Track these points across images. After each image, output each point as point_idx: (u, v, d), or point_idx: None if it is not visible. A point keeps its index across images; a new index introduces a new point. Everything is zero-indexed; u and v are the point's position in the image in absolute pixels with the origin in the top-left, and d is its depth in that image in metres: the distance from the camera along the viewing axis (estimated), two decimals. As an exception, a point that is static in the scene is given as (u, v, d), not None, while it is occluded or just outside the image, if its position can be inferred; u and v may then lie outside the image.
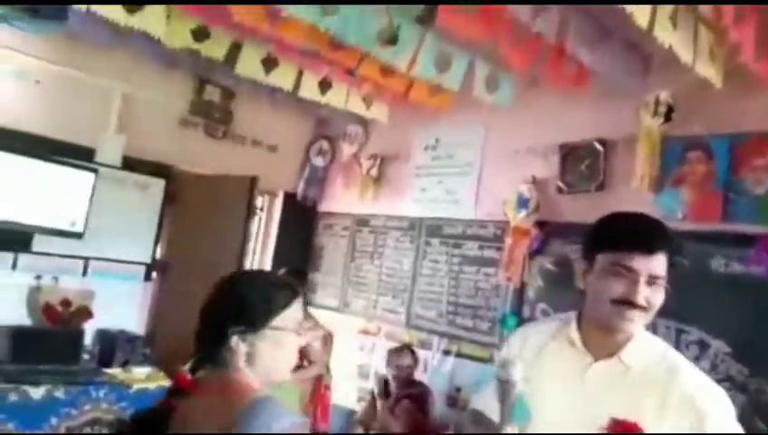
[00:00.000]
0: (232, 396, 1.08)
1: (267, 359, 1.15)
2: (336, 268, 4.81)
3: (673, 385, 1.26)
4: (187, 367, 1.16)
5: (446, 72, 3.06)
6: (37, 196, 3.55)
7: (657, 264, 1.26)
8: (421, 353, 3.86)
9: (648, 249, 1.26)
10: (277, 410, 1.06)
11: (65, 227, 3.64)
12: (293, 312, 1.19)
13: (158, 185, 4.13)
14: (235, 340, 1.12)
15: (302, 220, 4.94)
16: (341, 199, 4.84)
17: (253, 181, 3.89)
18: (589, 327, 1.38)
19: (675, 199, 3.05)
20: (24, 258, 3.59)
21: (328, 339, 3.81)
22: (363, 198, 4.60)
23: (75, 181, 3.68)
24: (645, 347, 1.33)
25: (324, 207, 5.00)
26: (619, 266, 1.29)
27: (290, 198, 4.89)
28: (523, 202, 3.55)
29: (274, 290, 1.18)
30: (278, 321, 1.16)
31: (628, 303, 1.26)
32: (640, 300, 1.25)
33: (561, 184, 3.49)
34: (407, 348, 3.75)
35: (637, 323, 1.28)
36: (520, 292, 3.57)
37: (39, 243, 3.64)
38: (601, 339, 1.34)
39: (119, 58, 3.78)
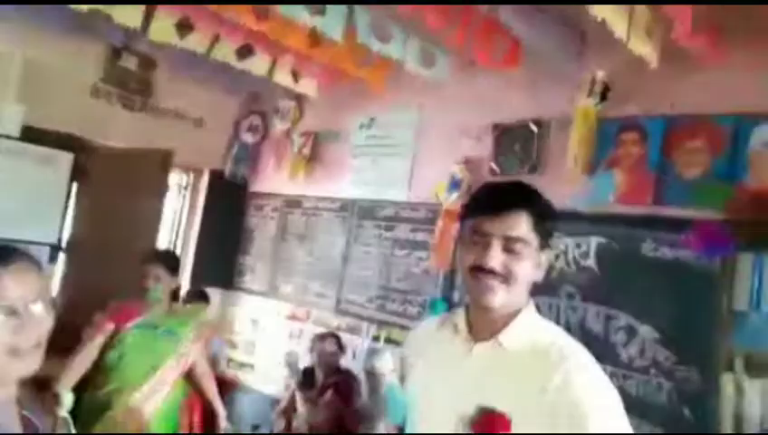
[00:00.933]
0: None
1: None
2: (265, 251, 4.57)
3: (556, 376, 1.11)
4: None
5: (385, 44, 2.90)
6: None
7: (513, 224, 1.16)
8: (351, 340, 3.69)
9: (497, 208, 1.17)
10: None
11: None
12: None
13: (65, 159, 3.78)
14: None
15: (230, 200, 4.67)
16: (272, 179, 4.60)
17: (166, 155, 3.60)
18: (472, 310, 1.26)
19: (607, 182, 2.96)
20: None
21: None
22: (295, 177, 4.37)
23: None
24: (529, 329, 1.20)
25: (255, 186, 4.74)
26: (472, 233, 1.19)
27: (217, 177, 4.60)
28: (455, 184, 3.41)
29: None
30: None
31: (480, 269, 1.16)
32: (491, 263, 1.15)
33: (493, 165, 3.36)
34: (331, 335, 3.58)
35: (497, 294, 1.16)
36: (450, 277, 3.44)
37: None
38: (485, 321, 1.22)
39: (19, 22, 3.40)
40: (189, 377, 2.80)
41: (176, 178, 4.54)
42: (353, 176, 4.13)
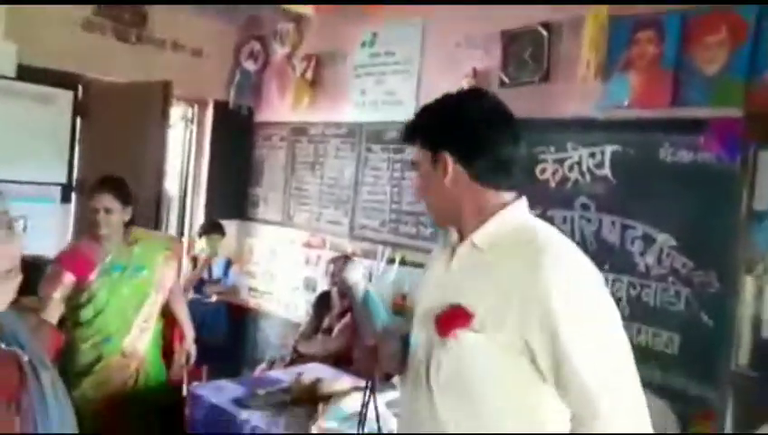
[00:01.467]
0: None
1: None
2: (277, 181, 4.53)
3: (526, 275, 1.09)
4: None
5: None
6: None
7: (414, 149, 1.27)
8: (366, 264, 3.69)
9: (405, 139, 1.30)
10: None
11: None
12: None
13: (65, 97, 3.72)
14: None
15: (237, 132, 4.59)
16: (278, 107, 4.49)
17: (166, 87, 3.51)
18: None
19: (622, 86, 2.81)
20: None
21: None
22: (299, 104, 4.26)
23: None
24: (499, 226, 1.19)
25: (261, 116, 4.65)
26: None
27: (222, 108, 4.51)
28: (463, 98, 3.27)
29: None
30: None
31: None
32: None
33: (503, 76, 3.21)
34: (345, 257, 3.56)
35: (427, 209, 1.29)
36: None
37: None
38: (462, 230, 1.23)
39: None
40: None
41: (181, 112, 4.46)
42: (358, 98, 4.00)
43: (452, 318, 1.12)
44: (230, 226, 4.35)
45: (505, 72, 3.21)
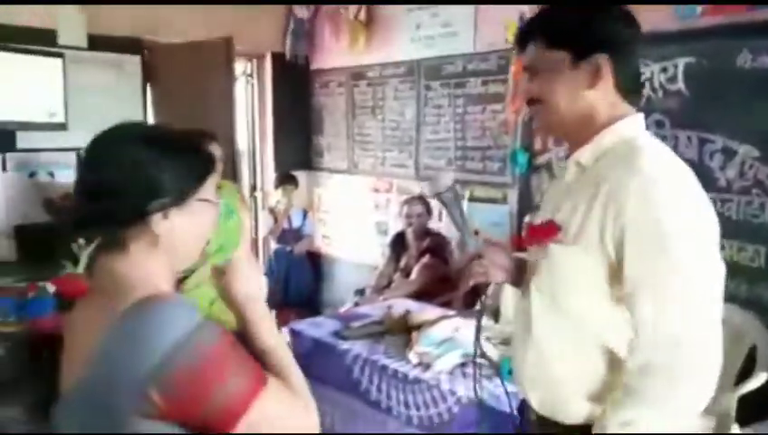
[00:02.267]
0: (119, 293, 0.84)
1: (187, 238, 0.93)
2: (339, 128, 4.60)
3: (622, 193, 1.04)
4: (81, 266, 0.96)
5: None
6: (7, 91, 3.35)
7: (529, 53, 1.18)
8: (435, 204, 3.74)
9: (519, 45, 1.21)
10: (173, 309, 0.82)
11: (45, 118, 3.48)
12: (215, 181, 0.98)
13: (133, 62, 3.86)
14: (157, 217, 0.88)
15: (296, 82, 4.65)
16: (333, 53, 4.50)
17: (228, 43, 3.58)
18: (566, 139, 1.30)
19: (694, -6, 2.67)
20: (12, 158, 3.47)
21: None
22: (355, 47, 4.25)
23: (44, 69, 3.46)
24: (603, 142, 1.14)
25: (318, 63, 4.68)
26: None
27: (279, 59, 4.56)
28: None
29: (196, 153, 0.95)
30: (204, 191, 0.93)
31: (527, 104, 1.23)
32: (525, 96, 1.22)
33: None
34: (418, 197, 3.64)
35: (537, 119, 1.23)
36: (529, 124, 3.34)
37: (24, 139, 3.49)
38: (576, 145, 1.20)
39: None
40: None
41: (240, 67, 4.55)
42: (413, 33, 3.96)
43: (541, 231, 1.17)
44: (298, 176, 4.47)
45: (568, -8, 3.10)
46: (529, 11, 3.19)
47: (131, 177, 0.87)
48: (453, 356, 2.06)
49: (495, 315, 2.26)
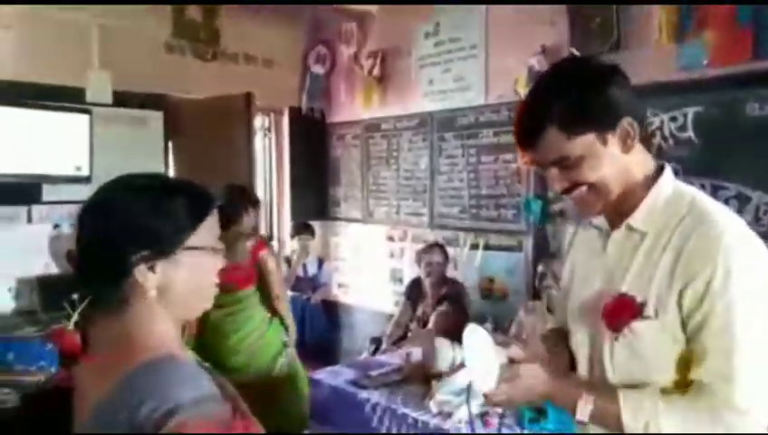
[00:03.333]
0: (122, 353, 0.82)
1: (184, 289, 0.89)
2: (354, 179, 4.69)
3: (689, 240, 1.05)
4: (72, 321, 0.89)
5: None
6: (36, 145, 3.48)
7: (547, 149, 1.10)
8: (449, 252, 3.78)
9: (527, 144, 1.13)
10: (178, 373, 0.80)
11: (71, 172, 3.59)
12: (213, 226, 0.94)
13: (156, 117, 4.00)
14: (141, 270, 0.85)
15: (312, 135, 4.78)
16: (348, 107, 4.64)
17: (248, 98, 3.72)
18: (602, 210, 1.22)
19: (699, 46, 2.77)
20: (37, 210, 3.57)
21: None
22: (369, 101, 4.39)
23: (71, 125, 3.59)
24: (658, 206, 1.12)
25: (333, 117, 4.81)
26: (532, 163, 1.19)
27: (296, 114, 4.71)
28: (534, 77, 3.30)
29: (186, 200, 0.91)
30: (195, 239, 0.90)
31: (562, 192, 1.15)
32: (557, 189, 1.14)
33: (572, 50, 3.21)
34: (436, 245, 3.67)
35: (588, 204, 1.14)
36: (542, 173, 3.38)
37: (50, 193, 3.60)
38: (616, 210, 1.16)
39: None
40: None
41: (259, 122, 4.69)
42: (426, 88, 4.09)
43: (622, 309, 1.09)
44: (315, 226, 4.53)
45: (574, 44, 3.21)
46: (537, 63, 3.31)
47: (112, 229, 0.87)
48: (472, 405, 2.05)
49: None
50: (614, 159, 1.09)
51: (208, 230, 0.93)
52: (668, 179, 1.14)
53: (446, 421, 2.04)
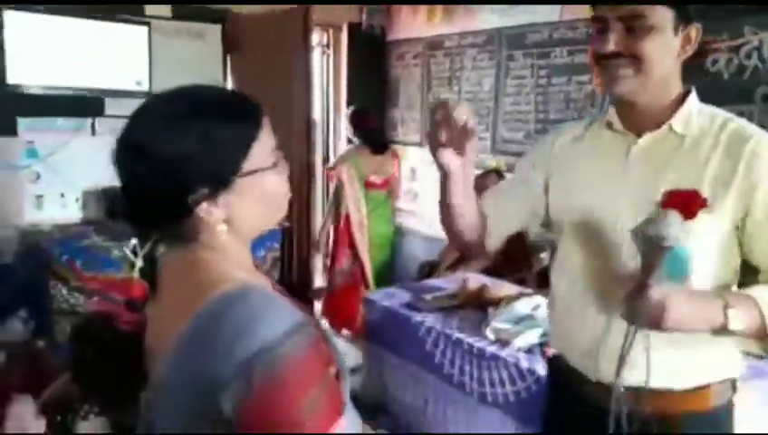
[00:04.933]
0: (199, 289, 0.77)
1: (253, 213, 0.84)
2: (413, 100, 4.51)
3: (740, 151, 1.06)
4: (137, 269, 0.86)
5: None
6: (98, 59, 3.47)
7: (626, 4, 1.05)
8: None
9: None
10: (259, 304, 0.75)
11: (131, 87, 3.58)
12: (266, 140, 0.84)
13: (214, 31, 3.90)
14: (203, 208, 0.79)
15: (371, 52, 4.58)
16: (411, 22, 4.40)
17: (306, 13, 3.55)
18: (624, 106, 1.15)
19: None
20: (100, 123, 3.61)
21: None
22: (433, 16, 4.14)
23: (130, 38, 3.55)
24: (700, 113, 1.12)
25: (393, 34, 4.59)
26: (594, 19, 1.10)
27: (356, 30, 4.50)
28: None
29: (236, 121, 0.82)
30: (252, 161, 0.82)
31: (603, 56, 1.08)
32: (608, 48, 1.06)
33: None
34: (493, 172, 3.52)
35: (625, 80, 1.07)
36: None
37: (111, 106, 3.62)
38: (643, 114, 1.12)
39: None
40: None
41: (317, 38, 4.53)
42: (494, 2, 3.79)
43: (690, 200, 1.00)
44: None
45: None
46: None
47: (162, 171, 0.78)
48: (532, 334, 1.98)
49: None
50: (669, 53, 1.08)
51: (264, 146, 0.84)
52: (696, 97, 1.14)
53: (503, 349, 1.97)
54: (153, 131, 0.80)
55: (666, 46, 1.06)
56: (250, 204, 0.82)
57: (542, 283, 2.79)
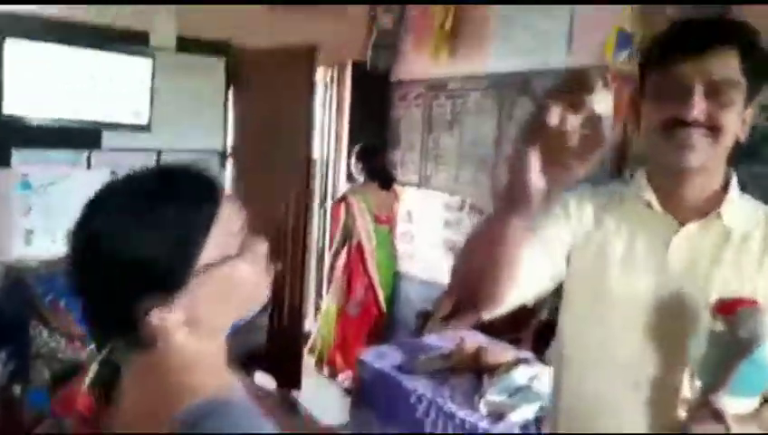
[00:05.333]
0: (163, 400, 0.70)
1: (218, 312, 0.74)
2: (413, 142, 4.46)
3: None
4: (88, 379, 0.75)
5: None
6: (97, 90, 3.42)
7: (720, 64, 0.94)
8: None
9: (700, 45, 0.95)
10: (227, 424, 0.67)
11: (130, 119, 3.53)
12: (228, 223, 0.73)
13: (218, 65, 3.87)
14: (156, 314, 0.69)
15: (374, 91, 4.55)
16: (414, 63, 4.37)
17: (310, 51, 3.52)
18: (660, 179, 1.06)
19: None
20: (96, 156, 3.55)
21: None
22: (437, 58, 4.10)
23: (133, 69, 3.51)
24: (737, 201, 1.03)
25: (397, 74, 4.56)
26: (665, 80, 0.98)
27: (360, 68, 4.48)
28: (624, 40, 2.95)
29: (181, 208, 0.71)
30: (210, 252, 0.71)
31: (678, 122, 0.96)
32: (693, 112, 0.94)
33: (670, 11, 2.83)
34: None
35: (699, 151, 0.96)
36: (621, 150, 3.07)
37: (109, 139, 3.57)
38: (689, 195, 1.03)
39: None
40: None
41: (320, 74, 4.50)
42: (501, 45, 3.76)
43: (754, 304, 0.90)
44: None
45: (675, 5, 2.83)
46: (628, 25, 2.95)
47: (108, 275, 0.69)
48: (529, 409, 1.88)
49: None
50: (738, 127, 1.00)
51: (225, 231, 0.73)
52: (736, 182, 1.06)
53: (497, 424, 1.87)
54: (94, 230, 0.71)
55: (738, 118, 0.99)
56: (213, 301, 0.72)
57: (538, 343, 2.68)
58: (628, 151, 3.04)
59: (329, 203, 4.64)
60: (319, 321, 4.17)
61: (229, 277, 0.73)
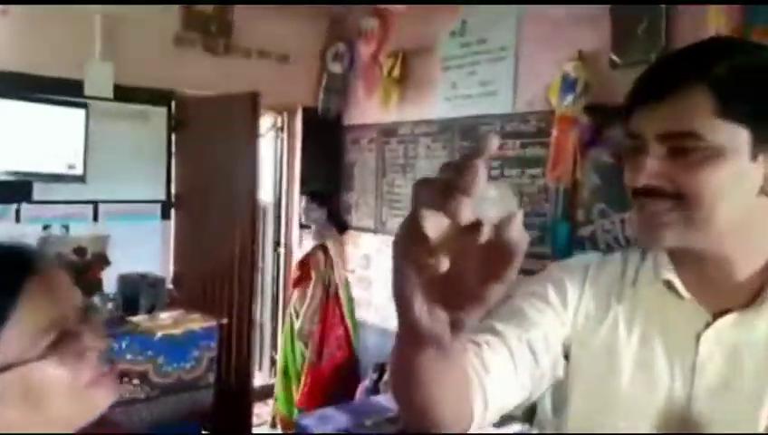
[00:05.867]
0: None
1: (21, 426, 0.60)
2: (368, 186, 4.39)
3: None
4: None
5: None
6: (28, 141, 3.27)
7: (677, 111, 0.70)
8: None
9: (658, 90, 0.72)
10: None
11: (63, 170, 3.37)
12: (31, 316, 0.61)
13: (159, 114, 3.76)
14: None
15: (327, 137, 4.49)
16: (365, 109, 4.34)
17: (254, 98, 3.44)
18: (682, 255, 0.80)
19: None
20: (27, 209, 3.36)
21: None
22: (387, 104, 4.08)
23: (66, 120, 3.37)
24: None
25: (349, 119, 4.52)
26: (627, 138, 0.77)
27: (311, 114, 4.42)
28: (569, 85, 2.95)
29: None
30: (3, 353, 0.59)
31: (638, 192, 0.74)
32: (640, 181, 0.72)
33: (614, 57, 2.86)
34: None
35: (668, 228, 0.73)
36: (572, 193, 3.05)
37: (41, 191, 3.39)
38: (719, 278, 0.79)
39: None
40: None
41: (270, 120, 4.43)
42: (449, 92, 3.76)
43: None
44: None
45: (616, 51, 2.86)
46: (572, 70, 2.97)
47: None
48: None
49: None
50: (743, 189, 0.72)
51: (24, 328, 0.59)
52: None
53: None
54: None
55: (736, 178, 0.71)
56: (13, 411, 0.59)
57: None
58: (578, 198, 3.02)
59: (282, 248, 4.50)
60: (278, 375, 3.95)
61: (28, 383, 0.59)
